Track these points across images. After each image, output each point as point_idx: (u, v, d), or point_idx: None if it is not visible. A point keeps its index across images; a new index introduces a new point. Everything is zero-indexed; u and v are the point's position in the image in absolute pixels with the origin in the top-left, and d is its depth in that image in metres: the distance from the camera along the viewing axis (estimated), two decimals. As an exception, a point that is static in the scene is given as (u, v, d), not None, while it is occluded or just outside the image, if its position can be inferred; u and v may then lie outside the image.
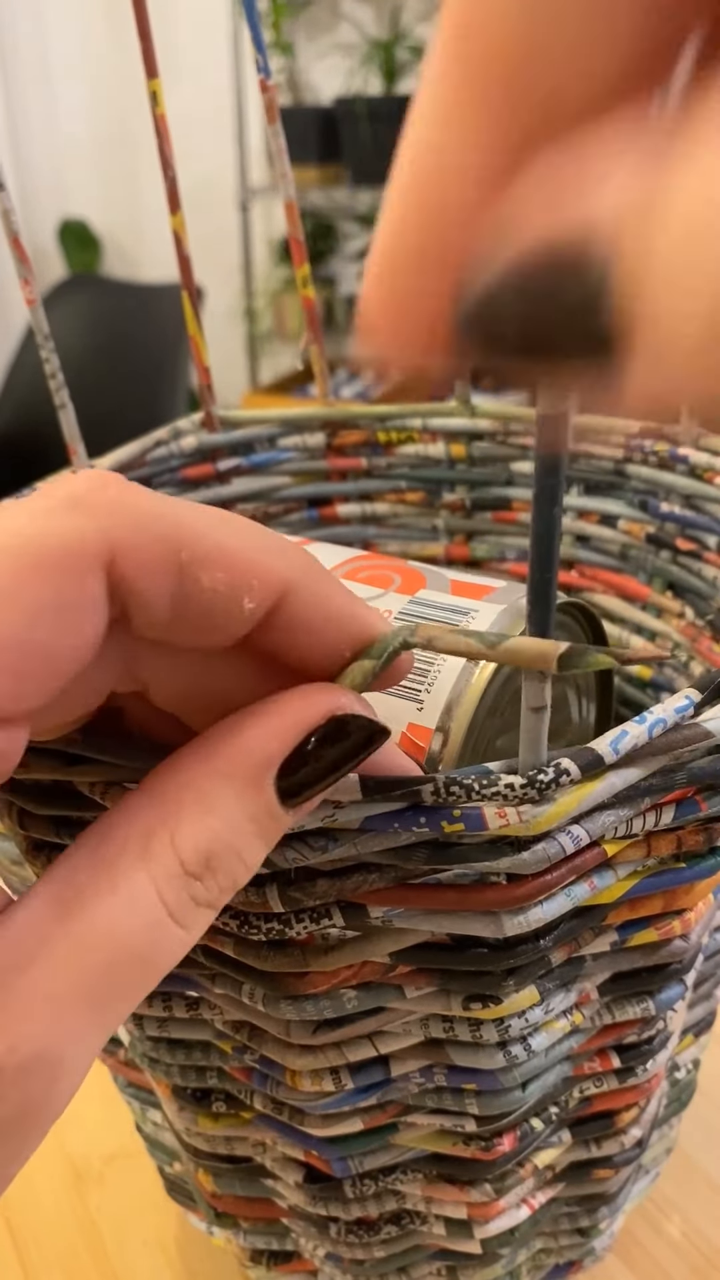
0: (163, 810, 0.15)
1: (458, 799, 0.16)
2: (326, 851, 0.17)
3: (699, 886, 0.21)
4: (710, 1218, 0.35)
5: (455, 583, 0.24)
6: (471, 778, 0.16)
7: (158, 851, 0.14)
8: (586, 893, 0.19)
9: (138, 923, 0.14)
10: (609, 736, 0.17)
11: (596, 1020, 0.23)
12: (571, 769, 0.16)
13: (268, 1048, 0.22)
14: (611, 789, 0.17)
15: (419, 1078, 0.22)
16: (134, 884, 0.14)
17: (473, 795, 0.16)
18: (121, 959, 0.14)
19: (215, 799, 0.15)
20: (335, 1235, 0.26)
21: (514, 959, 0.19)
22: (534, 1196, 0.27)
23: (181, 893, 0.14)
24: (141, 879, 0.14)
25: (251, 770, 0.15)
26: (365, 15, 2.21)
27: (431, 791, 0.16)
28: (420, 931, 0.19)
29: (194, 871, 0.15)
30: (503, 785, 0.16)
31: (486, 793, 0.16)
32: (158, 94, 0.33)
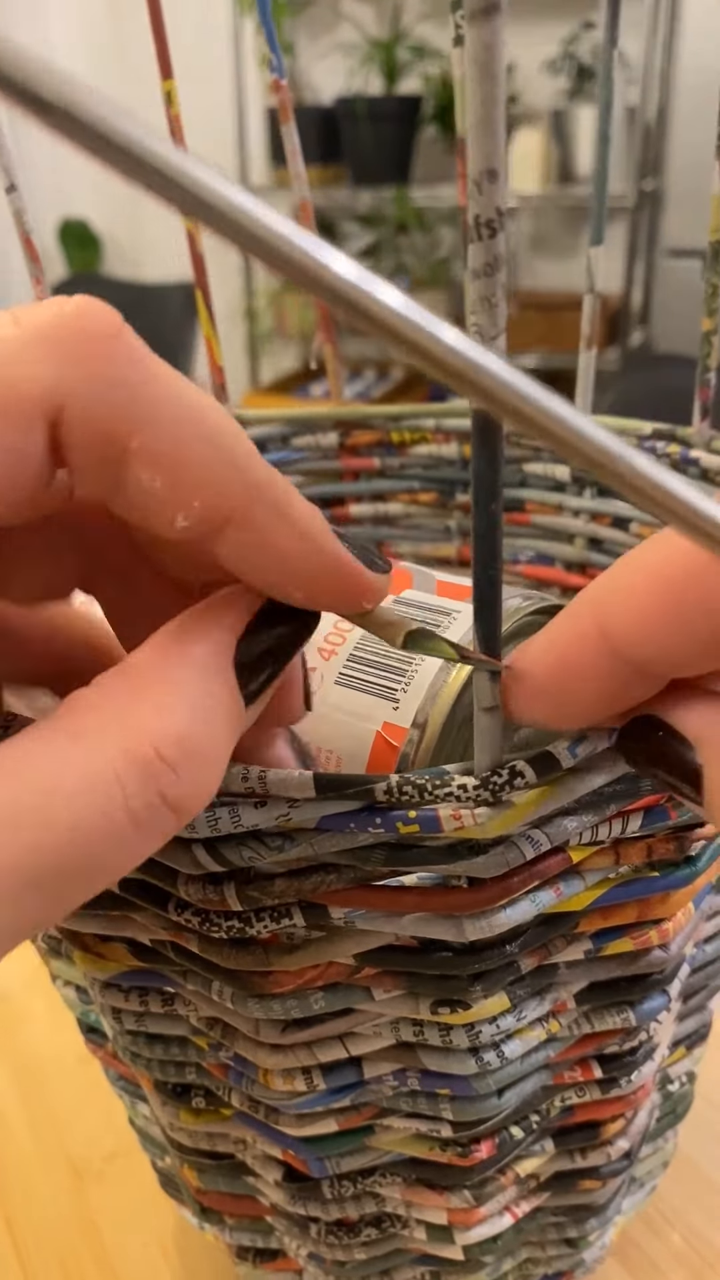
0: (122, 698, 0.13)
1: (411, 799, 0.16)
2: (284, 851, 0.17)
3: (675, 896, 0.21)
4: (710, 1221, 0.34)
5: (441, 583, 0.24)
6: (425, 778, 0.16)
7: (131, 726, 0.13)
8: (552, 899, 0.19)
9: (94, 811, 0.12)
10: (567, 740, 0.16)
11: (575, 1029, 0.23)
12: (526, 772, 0.16)
13: (240, 1046, 0.22)
14: (572, 794, 0.17)
15: (393, 1080, 0.22)
16: (95, 759, 0.13)
17: (425, 795, 0.16)
18: (69, 849, 0.12)
19: (179, 685, 0.14)
20: (316, 1235, 0.26)
21: (480, 964, 0.19)
22: (517, 1205, 0.26)
23: (149, 783, 0.13)
24: (106, 757, 0.13)
25: (210, 652, 0.14)
26: (365, 15, 2.21)
27: (384, 790, 0.16)
28: (384, 934, 0.19)
29: (169, 756, 0.13)
30: (455, 786, 0.16)
31: (439, 793, 0.16)
32: (172, 94, 0.33)
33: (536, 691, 0.16)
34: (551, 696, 0.15)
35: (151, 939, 0.21)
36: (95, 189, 2.47)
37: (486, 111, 0.10)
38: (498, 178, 0.10)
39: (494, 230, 0.10)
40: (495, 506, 0.13)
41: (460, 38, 0.33)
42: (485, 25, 0.09)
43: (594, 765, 0.17)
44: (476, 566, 0.14)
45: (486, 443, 0.12)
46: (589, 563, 0.38)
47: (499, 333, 0.11)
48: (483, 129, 0.10)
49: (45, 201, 2.41)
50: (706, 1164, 0.36)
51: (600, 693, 0.15)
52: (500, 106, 0.10)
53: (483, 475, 0.13)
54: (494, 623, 0.14)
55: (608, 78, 0.32)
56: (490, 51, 0.09)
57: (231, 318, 2.32)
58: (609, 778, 0.17)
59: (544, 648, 0.16)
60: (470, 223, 0.11)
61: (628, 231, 2.02)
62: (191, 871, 0.18)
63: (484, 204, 0.11)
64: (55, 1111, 0.40)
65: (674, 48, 1.95)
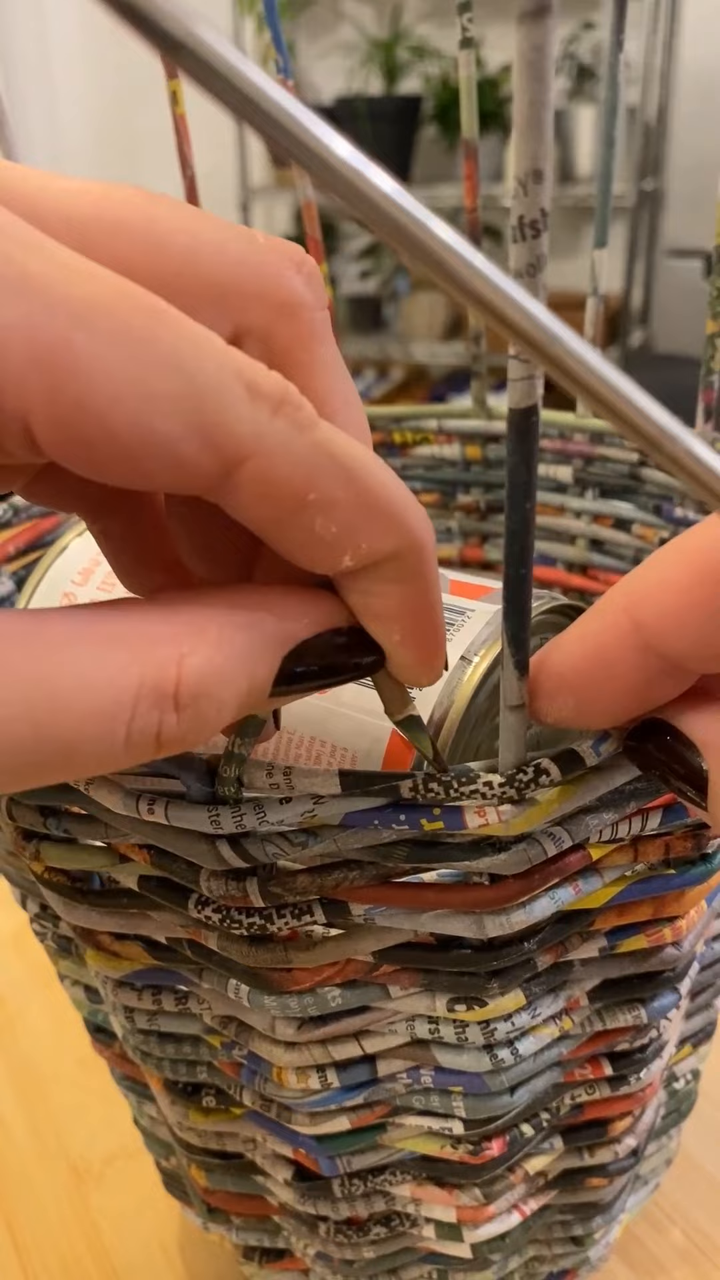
0: (179, 628, 0.14)
1: (436, 796, 0.16)
2: (307, 847, 0.17)
3: (690, 894, 0.21)
4: (712, 1217, 0.34)
5: (454, 583, 0.24)
6: (450, 775, 0.16)
7: (160, 659, 0.13)
8: (571, 896, 0.19)
9: (96, 716, 0.12)
10: (592, 738, 0.17)
11: (587, 1026, 0.23)
12: (551, 769, 0.16)
13: (254, 1043, 0.22)
14: (595, 791, 0.17)
15: (406, 1078, 0.22)
16: (118, 672, 0.13)
17: (451, 793, 0.16)
18: (53, 740, 0.12)
19: (230, 645, 0.14)
20: (325, 1234, 0.26)
21: (498, 961, 0.19)
22: (525, 1203, 0.26)
23: (154, 713, 0.13)
24: (129, 676, 0.13)
25: (272, 637, 0.14)
26: (365, 15, 2.22)
27: (410, 788, 0.16)
28: (403, 930, 0.19)
29: (182, 700, 0.13)
30: (481, 784, 0.16)
31: (465, 791, 0.16)
32: (178, 94, 0.33)
33: (564, 686, 0.16)
34: (579, 692, 0.16)
35: (168, 936, 0.21)
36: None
37: (535, 113, 0.10)
38: (543, 178, 0.10)
39: (538, 230, 0.11)
40: (530, 506, 0.13)
41: (468, 40, 0.33)
42: (537, 26, 0.09)
43: (616, 763, 0.17)
44: (508, 566, 0.14)
45: (523, 442, 0.12)
46: (590, 564, 0.38)
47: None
48: (531, 130, 0.10)
49: None
50: (708, 1161, 0.36)
51: (628, 689, 0.15)
52: (549, 109, 0.10)
53: (517, 472, 0.13)
54: (523, 622, 0.14)
55: (613, 80, 0.32)
56: (540, 52, 0.09)
57: None
58: (630, 775, 0.17)
59: (575, 640, 0.16)
60: (514, 223, 0.11)
61: (628, 231, 2.03)
62: (215, 867, 0.18)
63: (529, 204, 0.11)
64: (55, 1113, 0.40)
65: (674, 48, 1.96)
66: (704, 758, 0.15)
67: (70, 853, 0.20)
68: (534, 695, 0.16)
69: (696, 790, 0.15)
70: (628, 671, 0.15)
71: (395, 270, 2.31)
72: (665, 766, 0.16)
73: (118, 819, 0.18)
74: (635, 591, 0.15)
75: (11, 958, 0.47)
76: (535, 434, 0.12)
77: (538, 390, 0.12)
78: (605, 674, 0.15)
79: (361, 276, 2.36)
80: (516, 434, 0.12)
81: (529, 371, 0.12)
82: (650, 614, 0.15)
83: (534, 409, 0.12)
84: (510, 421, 0.12)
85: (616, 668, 0.15)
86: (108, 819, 0.18)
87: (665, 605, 0.14)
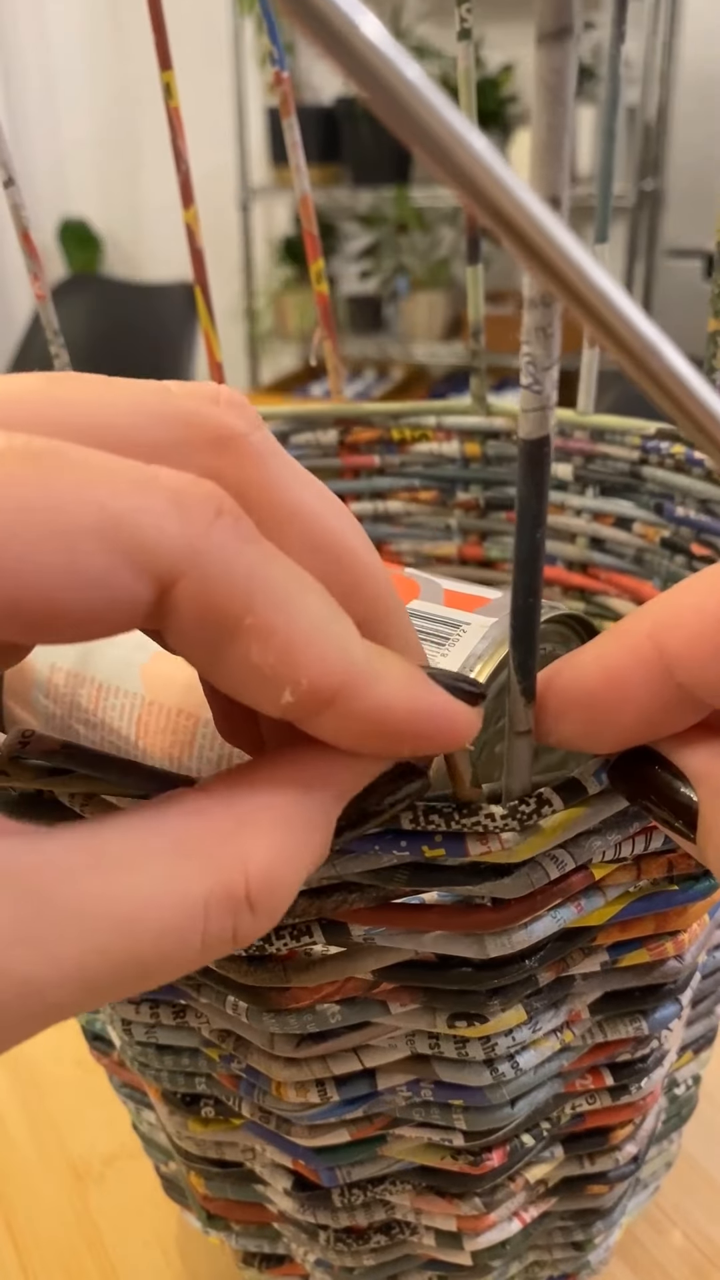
0: (239, 822, 0.13)
1: (437, 827, 0.16)
2: (306, 870, 0.17)
3: (693, 909, 0.21)
4: (712, 1218, 0.34)
5: (449, 593, 0.24)
6: (451, 807, 0.16)
7: (227, 867, 0.13)
8: (573, 915, 0.19)
9: (172, 933, 0.12)
10: (594, 765, 0.16)
11: (588, 1038, 0.23)
12: (554, 800, 0.16)
13: (253, 1058, 0.22)
14: (598, 815, 0.17)
15: (406, 1091, 0.22)
16: (189, 886, 0.13)
17: (452, 824, 0.16)
18: (133, 961, 0.12)
19: (288, 828, 0.14)
20: (324, 1242, 0.26)
21: (499, 979, 0.19)
22: (526, 1210, 0.26)
23: (227, 919, 0.13)
24: (199, 887, 0.13)
25: (326, 802, 0.14)
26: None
27: (410, 820, 0.16)
28: (403, 950, 0.19)
29: (254, 900, 0.13)
30: (483, 815, 0.16)
31: (466, 823, 0.16)
32: (171, 86, 0.33)
33: (574, 706, 0.15)
34: (589, 713, 0.15)
35: (165, 954, 0.21)
36: (95, 189, 2.45)
37: (554, 138, 0.09)
38: (560, 205, 0.10)
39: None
40: (540, 535, 0.13)
41: (466, 31, 0.32)
42: (557, 49, 0.09)
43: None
44: (516, 594, 0.13)
45: (534, 470, 0.12)
46: (590, 562, 0.38)
47: (553, 363, 0.11)
48: (549, 155, 0.10)
49: (45, 201, 2.38)
50: (708, 1162, 0.36)
51: (641, 717, 0.15)
52: (568, 134, 0.09)
53: (529, 503, 0.12)
54: (530, 650, 0.14)
55: (615, 74, 0.32)
56: (560, 76, 0.09)
57: (231, 318, 2.31)
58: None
59: (591, 660, 0.15)
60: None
61: (628, 231, 2.02)
62: (213, 892, 0.17)
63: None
64: (55, 1114, 0.40)
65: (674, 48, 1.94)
66: (694, 790, 0.15)
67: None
68: (540, 714, 0.16)
69: (685, 823, 0.15)
70: (644, 697, 0.15)
71: (395, 270, 2.29)
72: (653, 797, 0.16)
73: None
74: (664, 616, 0.14)
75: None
76: (548, 464, 0.12)
77: (550, 420, 0.12)
78: (620, 697, 0.15)
79: (361, 276, 2.35)
80: (529, 463, 0.12)
81: (542, 402, 0.11)
82: (678, 641, 0.14)
83: (546, 440, 0.12)
84: (522, 451, 0.12)
85: (633, 692, 0.15)
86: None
87: (695, 633, 0.14)
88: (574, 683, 0.15)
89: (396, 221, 2.21)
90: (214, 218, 2.23)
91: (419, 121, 0.08)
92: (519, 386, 0.12)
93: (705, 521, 0.34)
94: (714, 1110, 0.37)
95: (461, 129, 0.09)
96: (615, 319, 0.09)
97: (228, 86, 2.20)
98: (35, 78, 2.36)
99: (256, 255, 2.35)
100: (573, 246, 0.09)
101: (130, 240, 2.51)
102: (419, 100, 0.08)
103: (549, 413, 0.12)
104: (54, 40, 2.35)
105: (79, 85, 2.38)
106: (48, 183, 2.39)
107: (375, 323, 2.36)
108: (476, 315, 0.36)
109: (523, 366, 0.11)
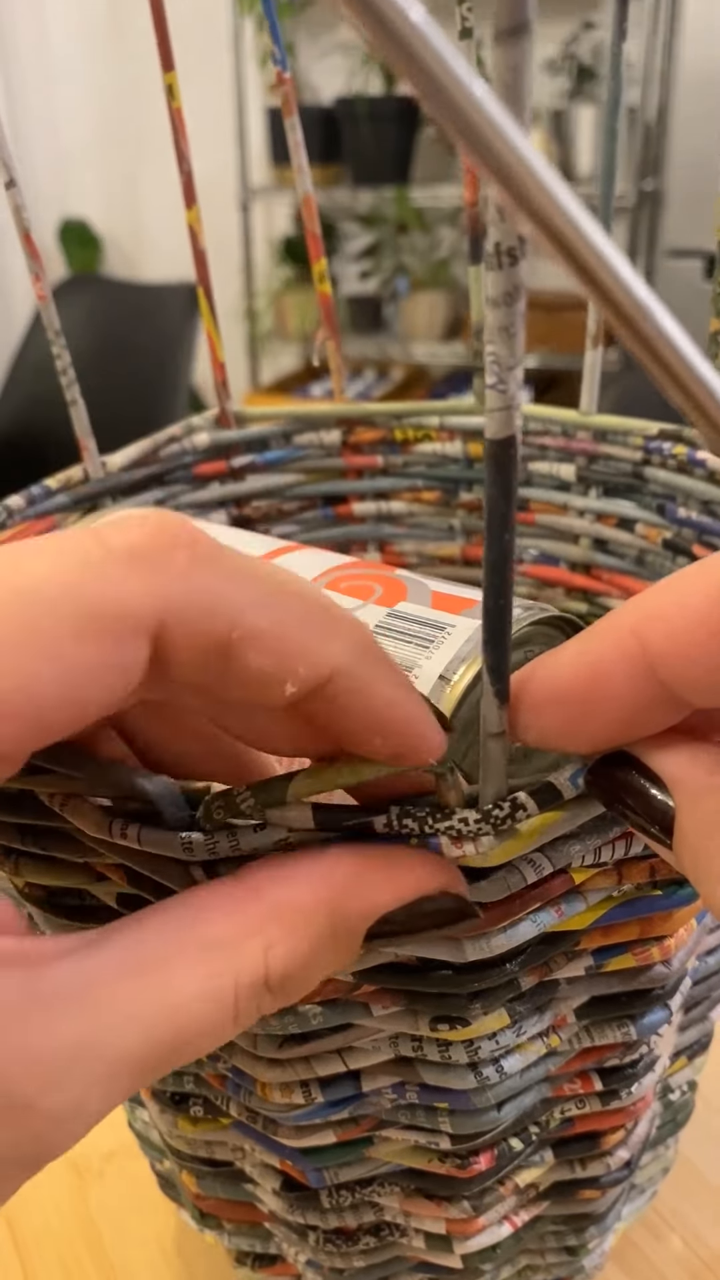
0: (264, 918, 0.15)
1: (410, 832, 0.16)
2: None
3: (678, 914, 0.20)
4: (710, 1223, 0.34)
5: (436, 594, 0.24)
6: (425, 811, 0.16)
7: (250, 957, 0.15)
8: (553, 919, 0.19)
9: (208, 1018, 0.14)
10: (569, 770, 0.16)
11: (575, 1043, 0.23)
12: (529, 804, 0.16)
13: (237, 1059, 0.22)
14: (576, 820, 0.17)
15: (391, 1094, 0.22)
16: (219, 979, 0.14)
17: (425, 829, 0.16)
18: (179, 1045, 0.14)
19: (316, 929, 0.15)
20: (314, 1243, 0.26)
21: (479, 982, 0.19)
22: (516, 1214, 0.26)
23: (253, 1001, 0.15)
24: (228, 979, 0.14)
25: (359, 917, 0.15)
26: None
27: (384, 824, 0.16)
28: (383, 952, 0.19)
29: (274, 986, 0.15)
30: (456, 820, 0.16)
31: (440, 827, 0.16)
32: (174, 87, 0.33)
33: (552, 701, 0.15)
34: (568, 709, 0.15)
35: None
36: (95, 189, 2.46)
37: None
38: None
39: (515, 258, 0.10)
40: (509, 538, 0.13)
41: (467, 30, 0.32)
42: (514, 46, 0.09)
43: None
44: (488, 597, 0.13)
45: (501, 472, 0.12)
46: (593, 563, 0.38)
47: (517, 363, 0.11)
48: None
49: (45, 202, 2.39)
50: (705, 1166, 0.36)
51: (620, 715, 0.15)
52: (527, 131, 0.09)
53: (496, 505, 0.12)
54: (503, 653, 0.14)
55: (616, 74, 0.31)
56: (517, 73, 0.09)
57: (232, 318, 2.31)
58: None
59: (573, 654, 0.15)
60: (491, 250, 0.10)
61: (628, 231, 2.01)
62: (190, 892, 0.17)
63: (506, 230, 0.10)
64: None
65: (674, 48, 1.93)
66: (671, 795, 0.15)
67: (48, 869, 0.20)
68: (517, 710, 0.15)
69: (661, 829, 0.15)
70: (625, 694, 0.14)
71: (395, 270, 2.29)
72: (629, 802, 0.15)
73: (92, 839, 0.17)
74: (647, 611, 0.14)
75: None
76: (515, 465, 0.12)
77: (516, 421, 0.12)
78: (600, 693, 0.15)
79: (361, 276, 2.34)
80: (495, 465, 0.12)
81: (507, 402, 0.11)
82: (660, 636, 0.14)
83: (513, 440, 0.12)
84: (488, 453, 0.12)
85: (614, 688, 0.14)
86: (83, 838, 0.18)
87: (678, 629, 0.14)
88: (552, 679, 0.15)
89: (396, 221, 2.21)
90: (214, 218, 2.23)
91: (457, 106, 0.08)
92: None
93: (707, 523, 0.34)
94: (712, 1116, 0.36)
95: (501, 118, 0.09)
96: (644, 319, 0.09)
97: (228, 86, 2.20)
98: (35, 78, 2.37)
99: (257, 255, 2.35)
100: (604, 243, 0.09)
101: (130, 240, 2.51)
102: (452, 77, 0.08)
103: (514, 412, 0.11)
104: (54, 40, 2.35)
105: (79, 85, 2.38)
106: (48, 183, 2.40)
107: (375, 323, 2.36)
108: (479, 315, 0.36)
109: (486, 366, 0.11)
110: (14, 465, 1.37)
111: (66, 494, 0.34)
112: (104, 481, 0.35)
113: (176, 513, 0.15)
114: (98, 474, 0.34)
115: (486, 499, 0.12)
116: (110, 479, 0.35)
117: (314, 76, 2.27)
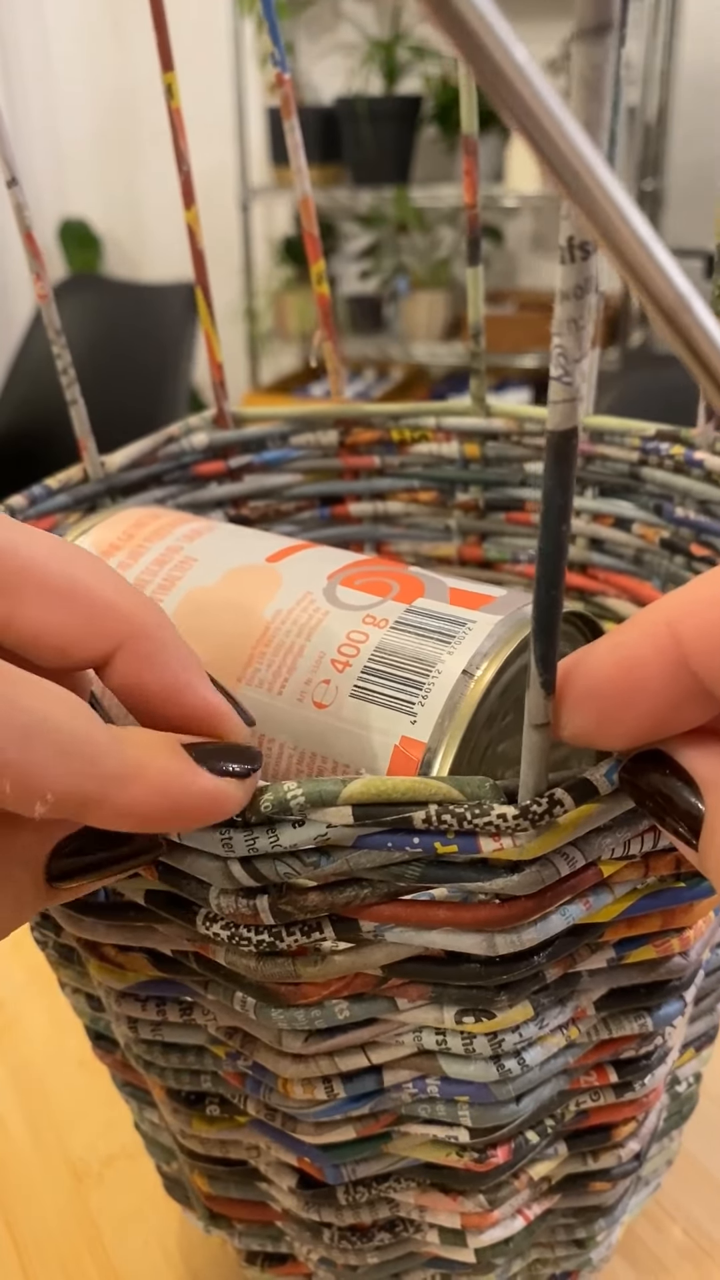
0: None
1: (449, 827, 0.16)
2: (319, 867, 0.17)
3: (699, 906, 0.21)
4: (713, 1216, 0.35)
5: (454, 591, 0.24)
6: (464, 808, 0.16)
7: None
8: (582, 912, 0.19)
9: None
10: (604, 766, 0.16)
11: (593, 1035, 0.23)
12: (566, 800, 0.16)
13: (260, 1055, 0.22)
14: (609, 814, 0.17)
15: (412, 1088, 0.22)
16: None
17: (464, 824, 0.16)
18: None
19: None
20: (328, 1241, 0.26)
21: (508, 975, 0.19)
22: (529, 1208, 0.26)
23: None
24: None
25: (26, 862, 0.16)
26: (365, 15, 2.21)
27: (423, 819, 0.16)
28: (412, 946, 0.19)
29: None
30: (495, 815, 0.16)
31: (479, 823, 0.16)
32: (173, 87, 0.33)
33: (589, 697, 0.15)
34: (604, 704, 0.15)
35: (174, 949, 0.21)
36: (95, 189, 2.45)
37: (592, 135, 0.09)
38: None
39: (586, 253, 0.10)
40: (565, 529, 0.13)
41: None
42: (597, 45, 0.09)
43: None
44: (540, 587, 0.13)
45: (561, 463, 0.12)
46: (590, 563, 0.38)
47: (583, 355, 0.11)
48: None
49: (45, 201, 2.38)
50: (708, 1159, 0.36)
51: (654, 709, 0.15)
52: (606, 129, 0.09)
53: (554, 496, 0.12)
54: (552, 644, 0.14)
55: (616, 75, 0.32)
56: (599, 71, 0.09)
57: (231, 318, 2.30)
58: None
59: (608, 649, 0.15)
60: (563, 244, 0.10)
61: (628, 232, 2.02)
62: (226, 886, 0.17)
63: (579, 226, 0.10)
64: (55, 1114, 0.40)
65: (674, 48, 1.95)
66: (702, 796, 0.15)
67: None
68: (557, 707, 0.16)
69: (689, 829, 0.15)
70: (658, 688, 0.15)
71: (395, 270, 2.30)
72: (659, 801, 0.16)
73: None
74: (681, 605, 0.14)
75: (11, 960, 0.47)
76: (574, 457, 0.12)
77: (579, 413, 0.12)
78: (634, 687, 0.15)
79: (361, 276, 2.34)
80: (555, 456, 0.12)
81: (571, 394, 0.11)
82: (694, 629, 0.14)
83: (574, 432, 0.12)
84: (549, 444, 0.12)
85: (648, 682, 0.15)
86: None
87: (712, 622, 0.14)
88: (590, 673, 0.15)
89: (396, 221, 2.21)
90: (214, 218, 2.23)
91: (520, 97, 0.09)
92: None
93: (705, 522, 0.34)
94: (714, 1108, 0.37)
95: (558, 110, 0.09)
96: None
97: (228, 86, 2.20)
98: (35, 78, 2.35)
99: (256, 255, 2.35)
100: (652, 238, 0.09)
101: (130, 240, 2.50)
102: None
103: (578, 405, 0.12)
104: (54, 40, 2.34)
105: (79, 85, 2.37)
106: (48, 183, 2.39)
107: (375, 323, 2.36)
108: (476, 316, 0.36)
109: (554, 358, 0.11)
110: (14, 465, 1.36)
111: (67, 494, 0.33)
112: (104, 481, 0.34)
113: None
114: (97, 474, 0.34)
115: (545, 490, 0.12)
116: (110, 479, 0.35)
117: (314, 76, 2.28)
